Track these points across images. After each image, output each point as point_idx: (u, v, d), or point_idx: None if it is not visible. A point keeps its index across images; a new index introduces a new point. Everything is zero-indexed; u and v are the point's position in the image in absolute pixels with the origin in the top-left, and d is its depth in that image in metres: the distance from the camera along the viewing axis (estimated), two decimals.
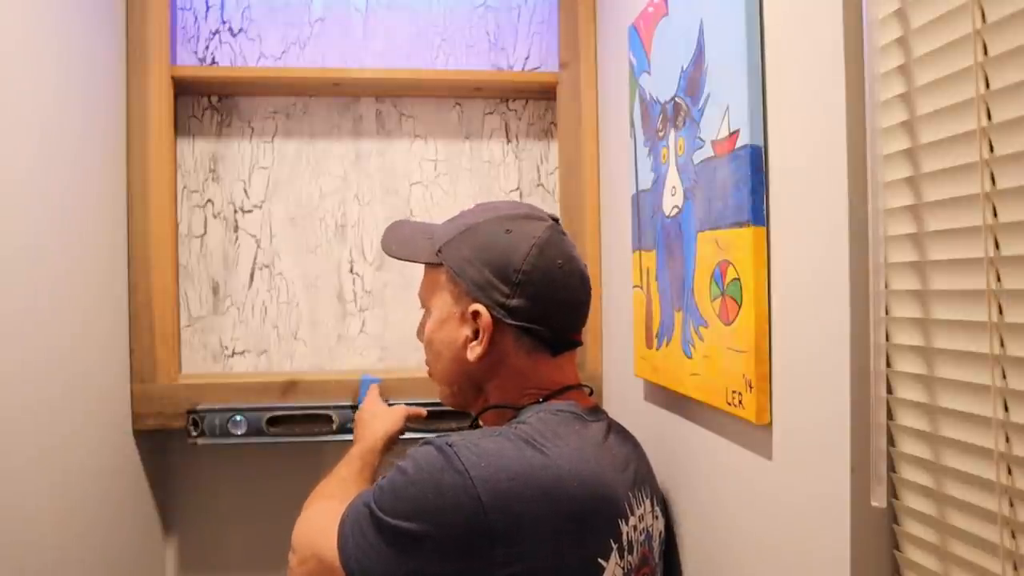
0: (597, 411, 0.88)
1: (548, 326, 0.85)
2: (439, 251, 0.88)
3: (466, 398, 0.91)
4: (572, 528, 0.72)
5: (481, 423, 0.90)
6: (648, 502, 0.85)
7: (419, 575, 0.71)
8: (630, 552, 0.78)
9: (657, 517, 0.88)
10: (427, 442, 0.75)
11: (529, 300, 0.83)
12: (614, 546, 0.75)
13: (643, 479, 0.86)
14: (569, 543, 0.71)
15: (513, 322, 0.83)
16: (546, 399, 0.85)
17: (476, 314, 0.84)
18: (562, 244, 0.87)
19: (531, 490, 0.70)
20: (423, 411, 1.17)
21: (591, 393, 0.92)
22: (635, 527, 0.80)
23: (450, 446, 0.72)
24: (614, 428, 0.88)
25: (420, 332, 0.96)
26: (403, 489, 0.72)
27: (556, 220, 0.89)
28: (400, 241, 0.96)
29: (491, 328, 0.83)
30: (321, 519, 0.83)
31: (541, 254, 0.83)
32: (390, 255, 0.95)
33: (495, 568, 0.68)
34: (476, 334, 0.84)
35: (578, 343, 0.89)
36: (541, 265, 0.83)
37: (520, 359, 0.85)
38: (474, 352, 0.85)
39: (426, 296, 0.92)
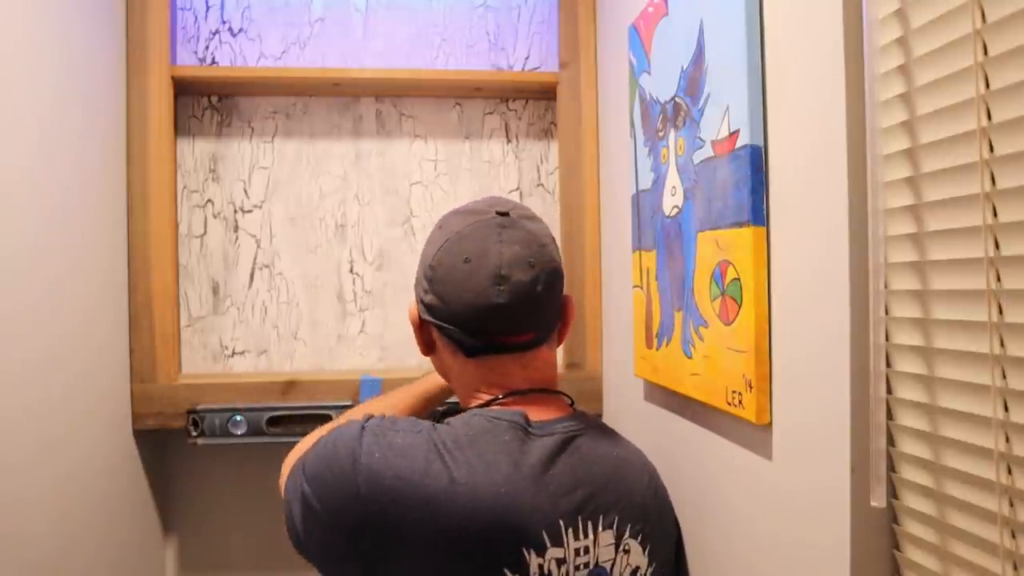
0: (555, 423, 0.78)
1: (458, 326, 0.79)
2: None
3: (454, 392, 0.91)
4: (452, 545, 0.67)
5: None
6: (608, 533, 0.75)
7: (309, 536, 0.73)
8: None
9: (627, 551, 0.77)
10: (367, 416, 0.77)
11: (438, 297, 0.80)
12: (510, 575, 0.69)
13: (603, 507, 0.76)
14: (444, 561, 0.67)
15: (429, 319, 0.83)
16: (493, 402, 0.79)
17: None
18: (484, 239, 0.78)
19: (414, 496, 0.67)
20: None
21: (572, 403, 0.85)
22: (559, 559, 0.71)
23: (363, 429, 0.74)
24: (576, 447, 0.77)
25: None
26: (317, 451, 0.75)
27: (504, 214, 0.81)
28: None
29: (417, 323, 0.85)
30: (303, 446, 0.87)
31: (449, 249, 0.79)
32: None
33: (361, 561, 0.68)
34: None
35: (508, 347, 0.80)
36: (446, 261, 0.79)
37: (448, 358, 0.84)
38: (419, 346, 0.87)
39: None
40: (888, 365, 0.61)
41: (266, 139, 1.46)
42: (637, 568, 0.79)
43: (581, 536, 0.73)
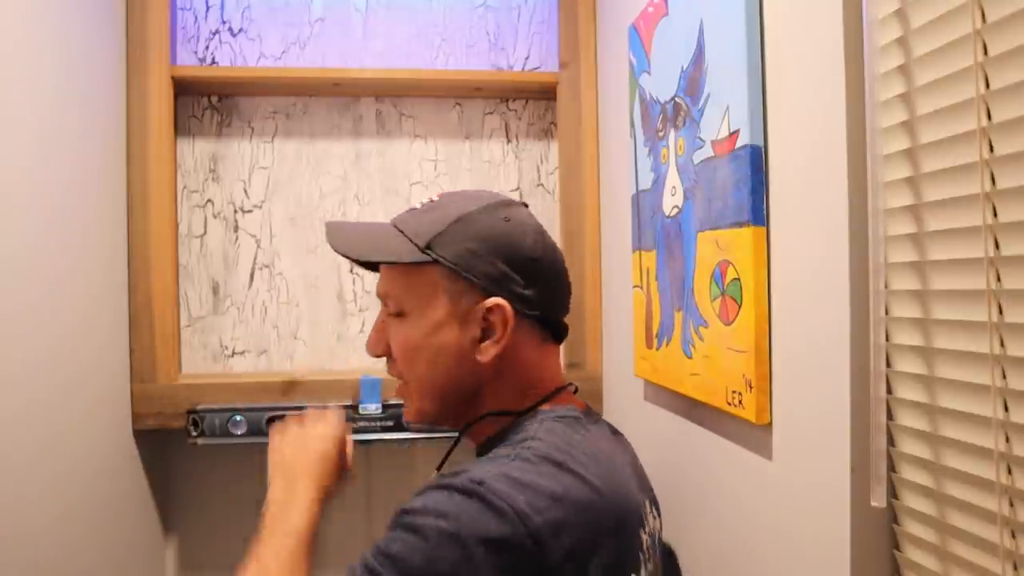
0: (592, 412, 0.83)
1: (556, 313, 0.82)
2: (428, 247, 0.76)
3: (454, 412, 0.80)
4: (611, 546, 0.66)
5: (470, 439, 0.82)
6: (648, 503, 0.81)
7: None
8: (649, 560, 0.74)
9: (656, 517, 0.83)
10: (443, 487, 0.63)
11: (541, 288, 0.79)
12: (642, 558, 0.72)
13: (643, 480, 0.83)
14: (611, 563, 0.66)
15: (531, 312, 0.78)
16: (543, 401, 0.79)
17: (491, 310, 0.75)
18: (546, 232, 0.84)
19: (575, 513, 0.64)
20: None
21: (576, 391, 0.86)
22: (650, 534, 0.76)
23: (480, 484, 0.62)
24: (612, 429, 0.85)
25: (378, 344, 0.82)
26: (437, 549, 0.59)
27: (526, 205, 0.86)
28: (364, 242, 0.81)
29: (514, 322, 0.76)
30: None
31: (543, 239, 0.81)
32: (361, 260, 0.80)
33: None
34: (485, 333, 0.76)
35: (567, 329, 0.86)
36: (547, 251, 0.80)
37: (531, 352, 0.80)
38: (488, 353, 0.76)
39: (406, 301, 0.79)
40: (888, 365, 0.61)
41: (266, 139, 1.46)
42: (659, 532, 0.84)
43: (648, 508, 0.79)
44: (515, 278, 0.77)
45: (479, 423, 0.79)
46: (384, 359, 0.83)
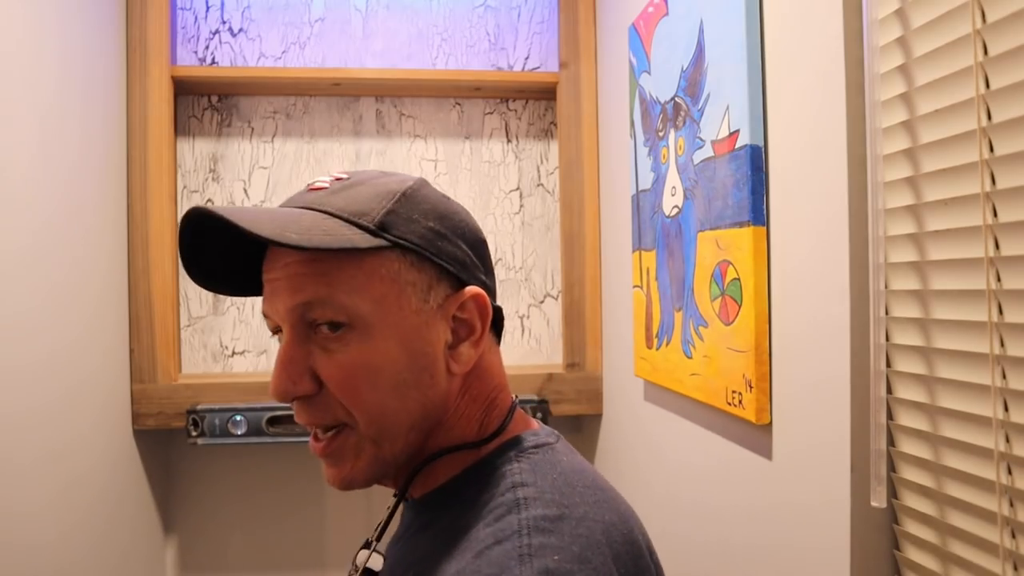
0: (549, 430, 0.65)
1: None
2: (381, 228, 0.55)
3: (410, 452, 0.58)
4: (651, 560, 0.58)
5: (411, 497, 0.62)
6: None
7: None
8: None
9: None
10: None
11: (492, 276, 0.64)
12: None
13: None
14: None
15: (495, 305, 0.61)
16: (505, 426, 0.61)
17: (464, 304, 0.58)
18: None
19: (626, 557, 0.53)
20: None
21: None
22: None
23: None
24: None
25: (301, 377, 0.54)
26: None
27: None
28: (291, 226, 0.52)
29: (489, 315, 0.59)
30: None
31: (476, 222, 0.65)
32: (300, 247, 0.51)
33: None
34: (456, 334, 0.58)
35: None
36: (482, 234, 0.64)
37: (493, 357, 0.63)
38: (466, 358, 0.58)
39: (355, 305, 0.54)
40: (888, 365, 0.61)
41: (266, 139, 1.46)
42: None
43: None
44: (477, 263, 0.61)
45: (432, 465, 0.59)
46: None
